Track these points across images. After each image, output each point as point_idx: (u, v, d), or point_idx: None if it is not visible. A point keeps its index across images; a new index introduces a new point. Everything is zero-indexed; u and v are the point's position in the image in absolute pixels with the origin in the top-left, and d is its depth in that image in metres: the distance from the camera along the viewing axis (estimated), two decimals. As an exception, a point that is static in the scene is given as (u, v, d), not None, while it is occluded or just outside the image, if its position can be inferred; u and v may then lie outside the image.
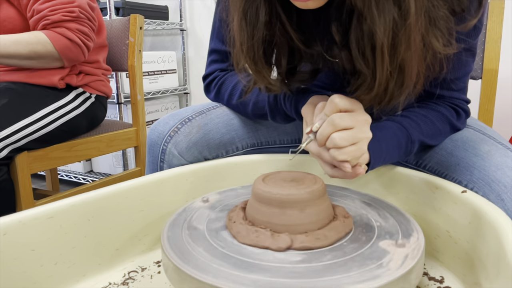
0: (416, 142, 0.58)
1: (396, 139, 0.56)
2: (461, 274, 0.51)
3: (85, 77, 1.19)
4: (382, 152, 0.54)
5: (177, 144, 0.67)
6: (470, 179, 0.55)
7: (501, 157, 0.55)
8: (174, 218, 0.51)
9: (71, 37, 1.04)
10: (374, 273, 0.37)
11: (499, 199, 0.50)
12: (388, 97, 0.50)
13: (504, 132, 1.52)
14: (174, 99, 2.30)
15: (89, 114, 1.19)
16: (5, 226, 0.45)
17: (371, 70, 0.48)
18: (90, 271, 0.53)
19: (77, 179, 2.04)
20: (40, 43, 1.01)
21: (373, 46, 0.46)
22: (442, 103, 0.63)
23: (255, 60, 0.54)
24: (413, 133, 0.58)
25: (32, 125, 1.00)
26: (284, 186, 0.46)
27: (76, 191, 1.21)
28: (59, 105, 1.08)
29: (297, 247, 0.42)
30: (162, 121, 0.70)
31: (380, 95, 0.49)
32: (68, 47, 1.05)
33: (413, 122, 0.59)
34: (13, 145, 0.97)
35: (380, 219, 0.49)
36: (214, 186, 0.66)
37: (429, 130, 0.60)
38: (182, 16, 2.27)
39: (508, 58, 1.47)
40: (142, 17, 1.35)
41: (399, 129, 0.57)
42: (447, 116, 0.62)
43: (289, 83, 0.60)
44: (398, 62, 0.46)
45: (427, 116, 0.60)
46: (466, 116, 0.65)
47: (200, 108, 0.73)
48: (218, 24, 0.73)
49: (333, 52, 0.55)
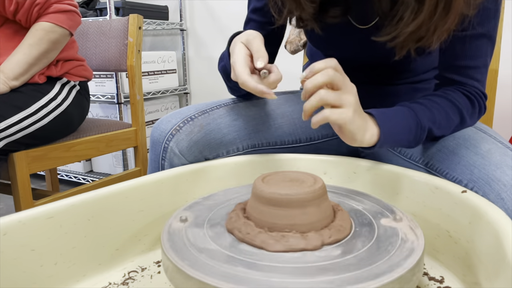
0: (426, 129, 0.59)
1: (406, 122, 0.57)
2: (461, 274, 0.51)
3: (64, 64, 1.18)
4: (392, 131, 0.55)
5: (178, 142, 0.67)
6: (470, 178, 0.55)
7: (501, 156, 0.55)
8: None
9: (66, 9, 1.08)
10: (407, 246, 0.41)
11: (499, 198, 0.50)
12: (433, 28, 0.50)
13: (504, 132, 1.52)
14: (174, 99, 2.30)
15: (77, 103, 1.20)
16: (5, 226, 0.45)
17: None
18: (90, 271, 0.53)
19: (77, 179, 2.04)
20: (50, 31, 1.05)
21: None
22: (459, 89, 0.63)
23: None
24: (423, 119, 0.59)
25: (27, 119, 1.02)
26: (284, 186, 0.46)
27: (76, 191, 1.21)
28: (49, 98, 1.10)
29: (329, 241, 0.42)
30: (165, 119, 0.70)
31: (425, 24, 0.49)
32: (69, 18, 1.10)
33: (425, 108, 0.59)
34: (9, 138, 0.98)
35: (361, 204, 0.52)
36: (214, 186, 0.66)
37: (441, 120, 0.61)
38: (182, 16, 2.27)
39: (508, 58, 1.47)
40: (141, 17, 1.35)
41: (409, 113, 0.58)
42: (459, 107, 0.62)
43: (321, 17, 0.62)
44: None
45: (441, 104, 0.61)
46: (480, 112, 0.65)
47: (203, 107, 0.73)
48: None
49: None
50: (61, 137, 1.15)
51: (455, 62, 0.64)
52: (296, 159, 0.70)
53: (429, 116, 0.59)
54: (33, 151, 1.05)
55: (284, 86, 0.65)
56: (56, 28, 1.06)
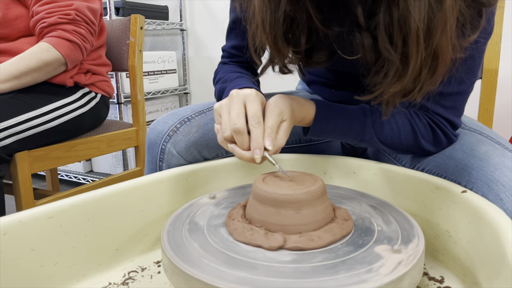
0: (366, 141, 0.61)
1: (347, 128, 0.60)
2: (461, 274, 0.51)
3: (92, 76, 1.22)
4: (325, 129, 0.59)
5: (176, 143, 0.67)
6: (469, 179, 0.55)
7: (499, 157, 0.55)
8: (178, 214, 0.51)
9: (69, 38, 1.06)
10: (361, 278, 0.36)
11: (498, 199, 0.50)
12: (419, 87, 0.48)
13: (504, 132, 1.52)
14: (174, 99, 2.30)
15: (93, 113, 1.21)
16: (5, 226, 0.45)
17: (399, 57, 0.47)
18: (90, 271, 0.53)
19: (77, 179, 2.04)
20: (45, 51, 1.03)
21: (404, 32, 0.45)
22: (424, 116, 0.61)
23: (276, 37, 0.54)
24: (367, 133, 0.60)
25: (37, 118, 1.03)
26: (282, 186, 0.46)
27: (76, 191, 1.21)
28: (65, 102, 1.11)
29: (289, 247, 0.42)
30: (161, 120, 0.70)
31: (410, 85, 0.48)
32: (70, 47, 1.07)
33: (376, 122, 0.60)
34: (18, 136, 0.98)
35: (382, 223, 0.48)
36: (214, 186, 0.67)
37: (389, 140, 0.61)
38: (182, 16, 2.27)
39: (508, 58, 1.46)
40: (142, 17, 1.35)
41: (358, 120, 0.60)
42: (418, 135, 0.60)
43: (306, 64, 0.60)
44: (433, 48, 0.45)
45: (398, 124, 0.60)
46: (448, 141, 0.61)
47: (200, 108, 0.73)
48: (232, 25, 0.73)
49: (354, 38, 0.54)
50: (66, 140, 1.16)
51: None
52: (296, 159, 0.70)
53: (379, 131, 0.60)
54: (34, 151, 1.05)
55: (280, 86, 0.64)
56: (52, 50, 1.04)
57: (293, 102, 0.56)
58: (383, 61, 0.50)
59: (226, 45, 0.76)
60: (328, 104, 0.60)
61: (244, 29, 0.62)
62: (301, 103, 0.58)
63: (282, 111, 0.52)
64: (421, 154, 0.64)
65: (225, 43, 0.76)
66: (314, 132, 0.60)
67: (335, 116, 0.60)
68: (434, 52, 0.46)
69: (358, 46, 0.53)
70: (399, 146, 0.62)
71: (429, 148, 0.62)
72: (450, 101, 0.60)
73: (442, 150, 0.62)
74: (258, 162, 0.49)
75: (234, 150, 0.52)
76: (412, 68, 0.47)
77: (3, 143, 0.95)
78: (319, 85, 0.80)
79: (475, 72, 0.59)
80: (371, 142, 0.62)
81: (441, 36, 0.45)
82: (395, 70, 0.48)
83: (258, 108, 0.52)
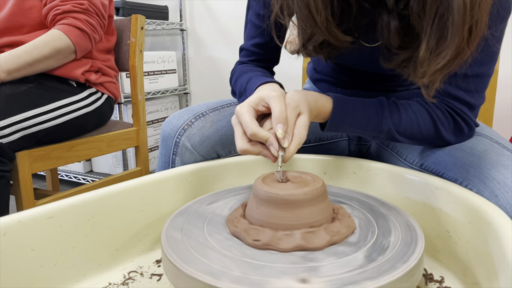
0: (384, 133, 0.61)
1: (365, 120, 0.59)
2: (461, 274, 0.51)
3: (102, 76, 1.24)
4: (343, 123, 0.59)
5: (190, 137, 0.68)
6: (466, 176, 0.55)
7: (496, 156, 0.56)
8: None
9: (80, 26, 1.10)
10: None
11: (493, 195, 0.51)
12: (455, 65, 0.49)
13: (504, 132, 1.52)
14: (174, 99, 2.30)
15: (98, 113, 1.23)
16: (5, 226, 0.45)
17: (436, 37, 0.48)
18: (90, 271, 0.53)
19: (77, 179, 2.04)
20: (57, 38, 1.07)
21: (438, 10, 0.46)
22: (441, 105, 0.61)
23: (326, 16, 0.54)
24: (385, 124, 0.60)
25: (44, 115, 1.04)
26: (282, 186, 0.46)
27: (76, 191, 1.21)
28: (72, 101, 1.13)
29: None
30: (177, 115, 0.72)
31: (447, 59, 0.48)
32: (80, 36, 1.11)
33: (394, 113, 0.60)
34: (25, 131, 0.99)
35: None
36: (214, 186, 0.67)
37: (408, 131, 0.61)
38: (182, 16, 2.27)
39: (508, 58, 1.46)
40: (143, 17, 1.35)
41: (376, 111, 0.60)
42: (438, 123, 0.60)
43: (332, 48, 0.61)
44: (472, 23, 0.46)
45: (416, 114, 0.60)
46: (469, 130, 0.61)
47: (214, 105, 0.75)
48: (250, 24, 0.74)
49: (382, 20, 0.55)
50: (71, 139, 1.17)
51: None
52: (296, 159, 0.70)
53: (397, 123, 0.60)
54: (35, 150, 1.05)
55: (286, 86, 0.64)
56: (64, 38, 1.08)
57: (308, 95, 0.56)
58: (410, 41, 0.51)
59: (245, 43, 0.77)
60: (344, 97, 0.60)
61: (267, 27, 0.65)
62: (316, 97, 0.58)
63: (298, 105, 0.52)
64: (442, 145, 0.63)
65: (244, 42, 0.77)
66: (331, 126, 0.60)
67: (352, 108, 0.59)
68: (470, 28, 0.46)
69: (384, 29, 0.54)
70: (419, 136, 0.61)
71: (449, 138, 0.61)
72: (471, 83, 0.59)
73: (463, 141, 0.62)
74: (276, 154, 0.49)
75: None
76: (457, 47, 0.47)
77: (10, 138, 0.96)
78: (325, 83, 0.81)
79: (494, 54, 0.59)
80: (390, 134, 0.61)
81: (479, 11, 0.45)
82: (431, 45, 0.49)
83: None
